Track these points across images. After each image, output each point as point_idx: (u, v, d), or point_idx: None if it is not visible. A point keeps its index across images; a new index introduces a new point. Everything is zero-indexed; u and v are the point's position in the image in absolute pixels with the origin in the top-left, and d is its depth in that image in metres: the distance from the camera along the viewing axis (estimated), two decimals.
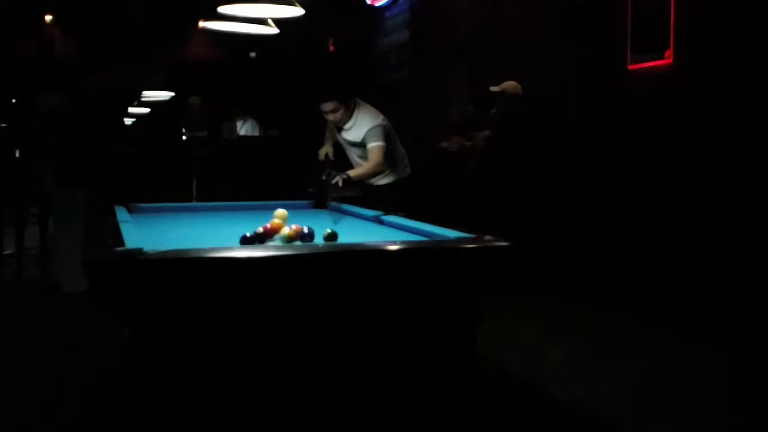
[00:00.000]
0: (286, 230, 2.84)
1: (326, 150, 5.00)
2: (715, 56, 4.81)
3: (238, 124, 9.95)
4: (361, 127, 4.86)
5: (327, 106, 4.89)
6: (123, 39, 11.31)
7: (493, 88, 6.10)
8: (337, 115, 4.89)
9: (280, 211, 3.16)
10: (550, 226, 5.84)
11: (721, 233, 4.73)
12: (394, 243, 2.72)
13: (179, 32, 11.43)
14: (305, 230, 2.84)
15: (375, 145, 4.77)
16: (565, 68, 6.10)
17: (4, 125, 9.14)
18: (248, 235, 2.75)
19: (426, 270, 2.49)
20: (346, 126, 4.93)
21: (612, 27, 5.54)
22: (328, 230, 2.87)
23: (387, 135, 4.86)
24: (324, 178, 4.67)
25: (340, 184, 4.54)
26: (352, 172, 4.72)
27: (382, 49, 9.69)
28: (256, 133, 10.00)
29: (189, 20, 9.68)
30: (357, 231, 3.34)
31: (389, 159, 4.92)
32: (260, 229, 2.80)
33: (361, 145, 4.86)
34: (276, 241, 2.81)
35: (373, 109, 4.98)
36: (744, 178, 4.62)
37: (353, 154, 5.03)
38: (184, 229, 3.49)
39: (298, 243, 2.82)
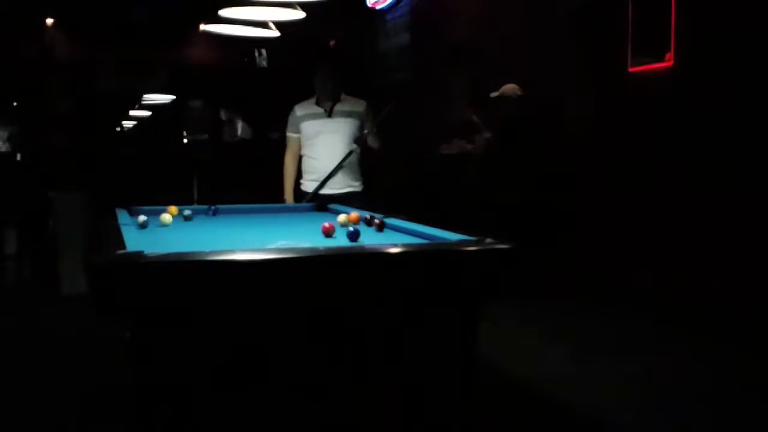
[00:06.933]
0: (343, 217, 3.33)
1: (290, 189, 5.11)
2: (715, 59, 4.82)
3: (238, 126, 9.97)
4: (357, 102, 5.10)
5: (325, 66, 5.14)
6: (124, 42, 11.32)
7: (492, 94, 6.10)
8: (329, 84, 5.04)
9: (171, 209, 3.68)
10: (551, 227, 5.84)
11: (721, 233, 4.74)
12: (395, 246, 2.72)
13: (180, 35, 11.44)
14: (368, 217, 3.24)
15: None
16: (565, 70, 6.10)
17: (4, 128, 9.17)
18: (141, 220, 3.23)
19: (427, 272, 2.49)
20: (340, 99, 5.06)
21: (613, 29, 5.55)
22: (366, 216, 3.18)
23: None
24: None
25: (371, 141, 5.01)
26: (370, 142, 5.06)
27: (382, 52, 9.69)
28: (248, 135, 10.00)
29: (190, 23, 9.69)
30: None
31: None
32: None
33: (357, 116, 5.03)
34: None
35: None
36: (744, 179, 4.62)
37: (346, 127, 5.02)
38: (185, 232, 3.50)
39: (303, 245, 2.82)
